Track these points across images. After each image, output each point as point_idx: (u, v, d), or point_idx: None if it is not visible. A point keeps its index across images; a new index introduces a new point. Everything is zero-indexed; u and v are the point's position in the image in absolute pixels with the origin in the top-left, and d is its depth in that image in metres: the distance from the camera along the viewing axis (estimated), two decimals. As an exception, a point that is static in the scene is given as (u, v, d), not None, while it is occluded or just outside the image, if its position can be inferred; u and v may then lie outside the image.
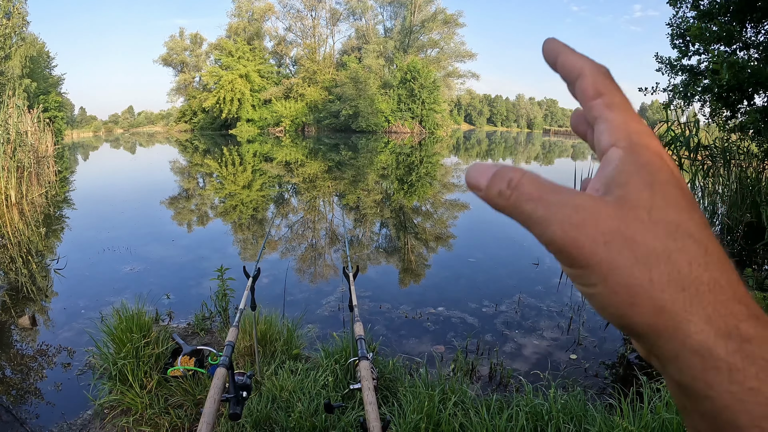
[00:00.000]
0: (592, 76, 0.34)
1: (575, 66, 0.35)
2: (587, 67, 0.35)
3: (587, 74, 0.35)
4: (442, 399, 3.04)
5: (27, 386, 3.81)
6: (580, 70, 0.35)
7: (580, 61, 0.35)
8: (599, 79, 0.34)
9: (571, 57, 0.36)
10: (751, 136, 9.45)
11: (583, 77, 0.35)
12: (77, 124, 75.76)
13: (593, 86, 0.34)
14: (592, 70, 0.34)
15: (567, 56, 0.36)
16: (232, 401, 1.70)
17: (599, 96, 0.34)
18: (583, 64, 0.35)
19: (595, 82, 0.34)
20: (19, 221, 9.62)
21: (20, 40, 27.65)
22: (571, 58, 0.36)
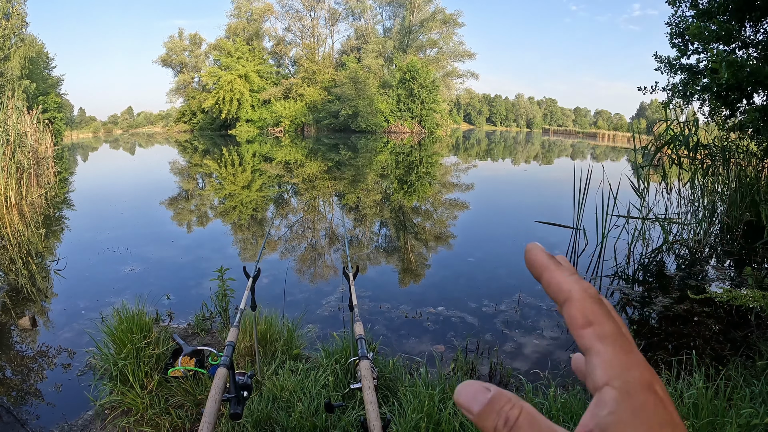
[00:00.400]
0: (580, 301, 0.34)
1: (562, 288, 0.35)
2: (575, 291, 0.34)
3: (575, 299, 0.34)
4: (443, 398, 3.05)
5: (27, 387, 3.81)
6: (568, 294, 0.35)
7: (567, 282, 0.35)
8: (588, 305, 0.34)
9: (557, 276, 0.36)
10: (751, 135, 9.46)
11: (571, 302, 0.34)
12: (77, 125, 75.66)
13: (582, 314, 0.33)
14: (581, 295, 0.34)
15: (553, 275, 0.36)
16: (233, 401, 1.71)
17: (589, 325, 0.33)
18: (571, 287, 0.35)
19: (584, 309, 0.34)
20: (18, 222, 9.62)
21: (19, 41, 27.65)
22: (557, 278, 0.36)
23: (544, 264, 0.37)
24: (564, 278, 0.35)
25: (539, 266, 0.37)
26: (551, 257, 0.38)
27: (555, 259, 0.38)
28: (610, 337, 0.32)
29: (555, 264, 0.37)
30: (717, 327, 4.80)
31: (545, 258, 0.38)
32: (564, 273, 0.36)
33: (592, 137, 79.35)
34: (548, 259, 0.37)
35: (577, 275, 0.36)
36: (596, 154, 35.40)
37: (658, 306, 5.38)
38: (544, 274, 0.37)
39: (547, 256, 0.38)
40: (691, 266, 7.02)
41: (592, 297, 0.34)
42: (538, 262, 0.38)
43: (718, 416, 2.66)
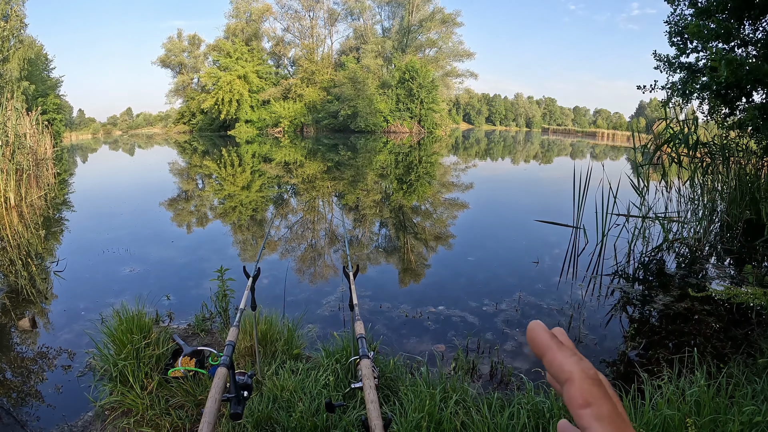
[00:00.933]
0: (580, 382, 0.36)
1: (563, 369, 0.37)
2: (576, 373, 0.37)
3: (576, 381, 0.36)
4: (444, 398, 3.04)
5: (27, 388, 3.80)
6: (569, 375, 0.37)
7: (568, 364, 0.37)
8: (587, 386, 0.36)
9: (559, 357, 0.38)
10: (750, 133, 9.46)
11: (571, 383, 0.36)
12: (76, 126, 75.65)
13: (582, 395, 0.36)
14: (581, 377, 0.36)
15: (555, 356, 0.39)
16: (233, 401, 1.70)
17: (588, 406, 0.35)
18: (572, 369, 0.37)
19: (583, 391, 0.36)
20: (18, 224, 9.61)
21: (18, 43, 27.62)
22: (558, 359, 0.38)
23: (546, 344, 0.40)
24: (565, 359, 0.38)
25: (541, 347, 0.40)
26: (553, 337, 0.41)
27: (556, 338, 0.41)
28: (607, 419, 0.35)
29: (557, 344, 0.40)
30: (718, 325, 4.80)
31: (547, 338, 0.40)
32: (565, 354, 0.38)
33: (592, 136, 79.31)
34: (550, 340, 0.40)
35: (578, 355, 0.39)
36: (596, 153, 35.40)
37: (658, 304, 5.37)
38: (547, 355, 0.39)
39: (549, 335, 0.40)
40: (692, 265, 7.01)
41: (591, 378, 0.37)
42: (540, 342, 0.40)
43: (720, 414, 2.65)
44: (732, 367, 3.41)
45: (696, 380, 2.99)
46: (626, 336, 4.64)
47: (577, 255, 7.53)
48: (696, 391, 2.85)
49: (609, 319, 5.08)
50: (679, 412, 2.63)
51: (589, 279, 6.41)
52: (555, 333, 0.43)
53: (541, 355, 0.40)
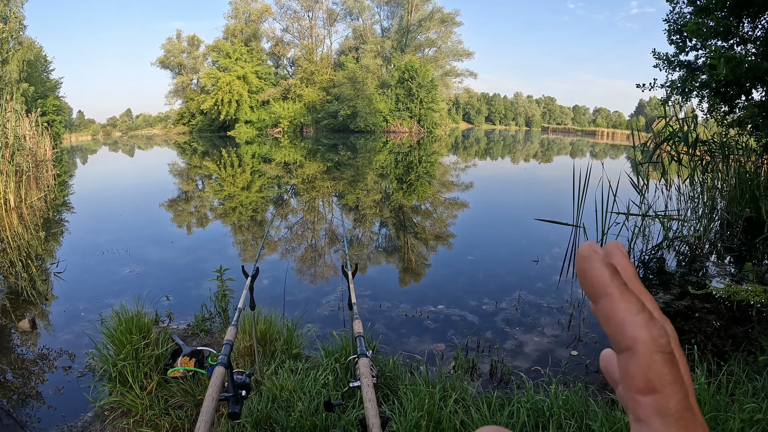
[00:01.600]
0: (647, 357, 0.27)
1: (626, 332, 0.27)
2: (642, 342, 0.27)
3: (640, 353, 0.27)
4: (443, 396, 3.04)
5: (28, 389, 3.80)
6: (631, 343, 0.27)
7: (632, 325, 0.27)
8: (656, 365, 0.27)
9: (620, 312, 0.28)
10: (750, 131, 9.46)
11: (632, 356, 0.27)
12: (75, 128, 75.72)
13: (645, 376, 0.27)
14: (649, 348, 0.27)
15: (615, 307, 0.28)
16: (231, 400, 1.70)
17: (651, 392, 0.27)
18: (639, 334, 0.27)
19: (648, 370, 0.27)
20: (18, 225, 9.61)
21: (17, 44, 27.64)
22: (620, 315, 0.28)
23: (606, 284, 0.29)
24: (629, 316, 0.27)
25: (599, 285, 0.29)
26: (615, 274, 0.29)
27: (619, 277, 0.29)
28: (674, 415, 0.27)
29: (619, 288, 0.28)
30: (718, 323, 4.79)
31: (606, 276, 0.29)
32: (630, 307, 0.28)
33: (591, 135, 79.33)
34: (610, 279, 0.29)
35: (647, 311, 0.28)
36: (595, 151, 35.39)
37: (658, 302, 5.35)
38: (602, 303, 0.29)
39: (609, 272, 0.29)
40: (692, 263, 7.01)
41: (663, 353, 0.27)
42: (597, 280, 0.29)
43: (720, 411, 2.65)
44: (732, 365, 3.41)
45: (696, 378, 2.98)
46: (626, 334, 4.63)
47: (577, 253, 7.51)
48: (696, 389, 2.85)
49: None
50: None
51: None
52: (614, 260, 0.32)
53: (596, 299, 0.29)
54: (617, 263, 0.32)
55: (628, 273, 0.32)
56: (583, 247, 0.30)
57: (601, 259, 0.29)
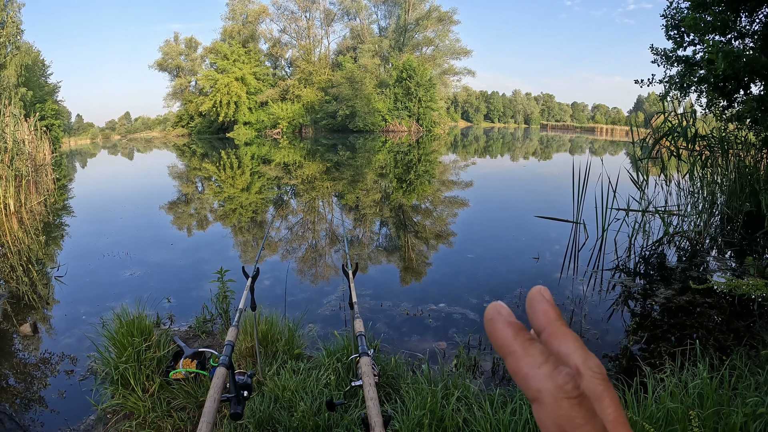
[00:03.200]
0: (553, 405, 0.28)
1: (531, 385, 0.29)
2: (547, 391, 0.28)
3: (547, 402, 0.28)
4: (445, 395, 3.04)
5: (30, 394, 3.80)
6: (537, 394, 0.28)
7: (538, 377, 0.28)
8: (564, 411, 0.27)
9: (524, 367, 0.29)
10: (749, 126, 9.46)
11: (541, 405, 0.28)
12: (74, 132, 75.77)
13: (555, 422, 0.28)
14: (554, 396, 0.28)
15: (519, 363, 0.29)
16: (233, 401, 1.70)
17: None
18: (542, 385, 0.28)
19: (557, 417, 0.28)
20: (18, 230, 9.61)
21: (15, 49, 27.65)
22: (524, 369, 0.29)
23: (507, 345, 0.30)
24: (533, 370, 0.28)
25: (502, 347, 0.30)
26: (519, 331, 0.30)
27: (524, 333, 0.31)
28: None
29: (523, 345, 0.29)
30: (719, 317, 4.79)
31: (509, 336, 0.30)
32: (534, 360, 0.29)
33: (590, 132, 79.37)
34: (514, 338, 0.30)
35: (550, 363, 0.28)
36: (595, 148, 35.39)
37: (660, 298, 5.36)
38: (509, 361, 0.30)
39: (513, 330, 0.30)
40: (692, 258, 7.01)
41: (570, 398, 0.27)
42: (501, 341, 0.30)
43: (723, 406, 2.65)
44: (734, 359, 3.41)
45: (699, 373, 2.98)
46: (628, 330, 4.63)
47: (578, 250, 7.52)
48: (699, 384, 2.85)
49: (611, 314, 5.07)
50: (682, 404, 2.62)
51: (590, 274, 6.41)
52: (536, 307, 0.33)
53: (503, 357, 0.30)
54: (538, 310, 0.33)
55: (550, 317, 0.33)
56: (489, 308, 0.32)
57: (504, 319, 0.31)
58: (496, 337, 0.31)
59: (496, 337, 0.31)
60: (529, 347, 0.29)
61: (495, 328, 0.31)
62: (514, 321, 0.31)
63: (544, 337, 0.32)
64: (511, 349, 0.30)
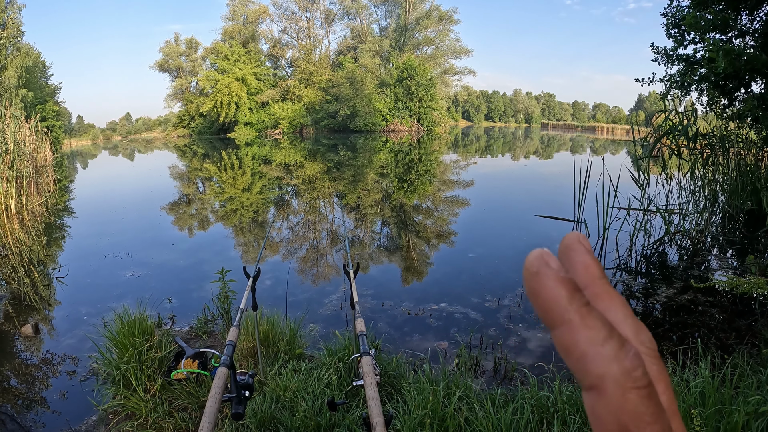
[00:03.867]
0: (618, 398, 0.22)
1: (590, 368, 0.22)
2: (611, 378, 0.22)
3: (611, 393, 0.22)
4: (447, 394, 3.03)
5: (32, 394, 3.80)
6: (598, 381, 0.22)
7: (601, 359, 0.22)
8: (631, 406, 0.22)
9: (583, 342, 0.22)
10: (750, 124, 9.44)
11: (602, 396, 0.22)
12: (75, 133, 75.78)
13: (618, 420, 0.22)
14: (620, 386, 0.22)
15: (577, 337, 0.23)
16: (235, 401, 1.70)
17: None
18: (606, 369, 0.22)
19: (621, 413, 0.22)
20: (19, 231, 9.62)
21: (15, 51, 27.66)
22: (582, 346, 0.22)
23: (561, 310, 0.23)
24: (594, 348, 0.22)
25: (552, 313, 0.23)
26: (576, 295, 0.23)
27: (580, 296, 0.23)
28: None
29: (581, 312, 0.23)
30: (721, 316, 4.79)
31: (564, 298, 0.23)
32: (596, 334, 0.22)
33: (591, 131, 79.40)
34: (569, 302, 0.23)
35: (616, 339, 0.22)
36: (595, 147, 35.37)
37: (661, 297, 5.36)
38: (561, 332, 0.23)
39: (567, 294, 0.23)
40: (694, 256, 7.00)
41: (639, 388, 0.22)
42: (551, 304, 0.23)
43: (725, 404, 2.64)
44: (736, 358, 3.40)
45: (700, 371, 2.98)
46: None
47: (579, 249, 7.50)
48: (701, 383, 2.84)
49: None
50: (684, 403, 2.62)
51: (591, 273, 6.39)
52: (575, 259, 0.27)
53: (551, 326, 0.23)
54: (578, 262, 0.27)
55: (592, 273, 0.27)
56: (532, 257, 0.25)
57: (555, 274, 0.24)
58: (545, 298, 0.23)
59: (545, 298, 0.23)
60: (589, 316, 0.23)
61: (542, 286, 0.23)
62: (567, 276, 0.24)
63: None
64: (565, 317, 0.23)
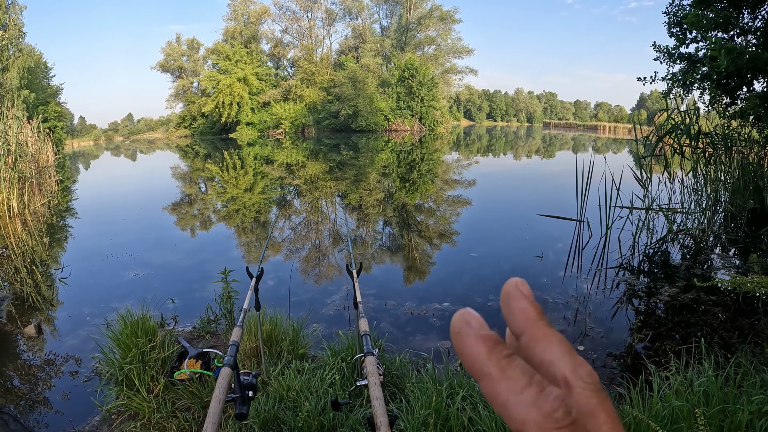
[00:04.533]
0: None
1: (512, 415, 0.25)
2: (532, 423, 0.24)
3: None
4: (450, 394, 3.03)
5: (35, 395, 3.81)
6: (521, 426, 0.24)
7: (520, 406, 0.24)
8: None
9: (503, 393, 0.25)
10: (752, 123, 9.42)
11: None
12: (77, 134, 75.69)
13: None
14: (542, 429, 0.24)
15: (498, 389, 0.25)
16: (238, 401, 1.70)
17: None
18: (526, 415, 0.24)
19: None
20: (22, 232, 9.63)
21: (17, 52, 27.67)
22: (503, 396, 0.25)
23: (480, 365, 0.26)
24: (514, 398, 0.25)
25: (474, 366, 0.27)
26: (493, 348, 0.27)
27: (500, 348, 0.27)
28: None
29: (500, 365, 0.26)
30: (724, 315, 4.78)
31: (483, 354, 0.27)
32: (515, 384, 0.25)
33: (593, 130, 79.25)
34: (488, 356, 0.26)
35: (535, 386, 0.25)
36: (597, 146, 35.32)
37: (664, 296, 5.35)
38: (484, 384, 0.26)
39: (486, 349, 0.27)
40: (696, 255, 6.99)
41: (560, 428, 0.24)
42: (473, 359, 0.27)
43: (729, 404, 2.64)
44: (740, 357, 3.40)
45: (704, 371, 2.97)
46: (632, 328, 4.62)
47: (582, 248, 7.51)
48: (704, 382, 2.84)
49: (615, 312, 5.06)
50: (687, 402, 2.61)
51: (594, 272, 6.39)
52: (513, 305, 0.30)
53: (476, 379, 0.26)
54: (516, 308, 0.30)
55: (530, 317, 0.29)
56: (455, 318, 0.28)
57: (475, 333, 0.27)
58: (466, 355, 0.27)
59: (466, 355, 0.27)
60: (508, 367, 0.25)
61: (464, 345, 0.27)
62: (487, 333, 0.27)
63: (524, 341, 0.28)
64: (485, 371, 0.26)
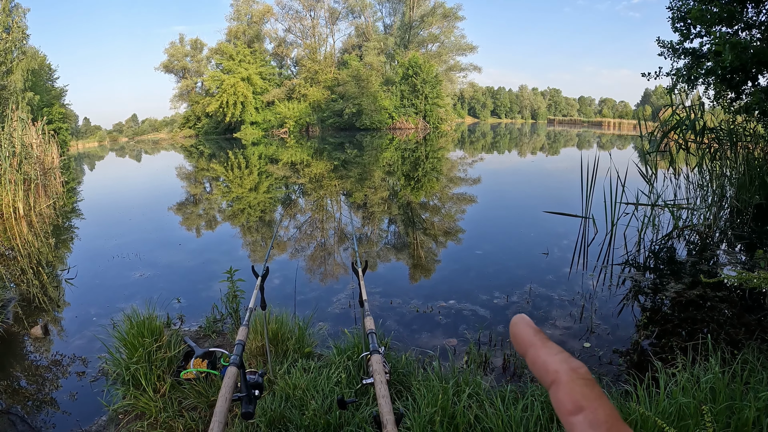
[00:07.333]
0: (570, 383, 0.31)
1: (548, 369, 0.33)
2: (563, 373, 0.32)
3: (564, 381, 0.31)
4: (456, 391, 3.03)
5: (42, 395, 3.83)
6: (555, 376, 0.32)
7: (554, 362, 0.33)
8: (578, 388, 0.31)
9: (542, 354, 0.34)
10: (757, 117, 9.38)
11: (559, 385, 0.32)
12: (82, 135, 76.04)
13: (571, 399, 0.30)
14: (570, 376, 0.31)
15: (538, 353, 0.34)
16: (245, 400, 1.70)
17: (579, 411, 0.30)
18: (560, 367, 0.32)
19: (573, 393, 0.31)
20: (28, 233, 9.67)
21: (21, 54, 27.76)
22: (542, 356, 0.34)
23: (528, 339, 0.36)
24: (550, 357, 0.33)
25: (523, 341, 0.36)
26: (538, 332, 0.36)
27: (542, 334, 0.36)
28: (605, 425, 0.29)
29: (541, 341, 0.35)
30: (731, 311, 4.76)
31: (530, 333, 0.36)
32: (550, 351, 0.34)
33: (598, 126, 78.90)
34: (534, 335, 0.36)
35: (566, 353, 0.34)
36: (602, 142, 35.21)
37: (670, 292, 5.33)
38: (529, 352, 0.35)
39: (533, 331, 0.36)
40: (702, 251, 6.96)
41: (583, 378, 0.31)
42: (523, 337, 0.36)
43: (736, 400, 2.63)
44: (746, 353, 3.38)
45: (710, 367, 2.96)
46: (639, 325, 4.61)
47: (587, 245, 7.49)
48: (711, 378, 2.83)
49: (621, 309, 5.05)
50: (694, 399, 2.61)
51: (600, 269, 6.38)
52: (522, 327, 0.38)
53: (524, 352, 0.35)
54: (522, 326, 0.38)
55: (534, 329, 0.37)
56: (514, 318, 0.38)
57: (526, 322, 0.37)
58: (519, 334, 0.36)
59: (519, 334, 0.36)
60: (547, 341, 0.35)
61: (518, 328, 0.37)
62: (534, 325, 0.37)
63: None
64: (531, 342, 0.35)
